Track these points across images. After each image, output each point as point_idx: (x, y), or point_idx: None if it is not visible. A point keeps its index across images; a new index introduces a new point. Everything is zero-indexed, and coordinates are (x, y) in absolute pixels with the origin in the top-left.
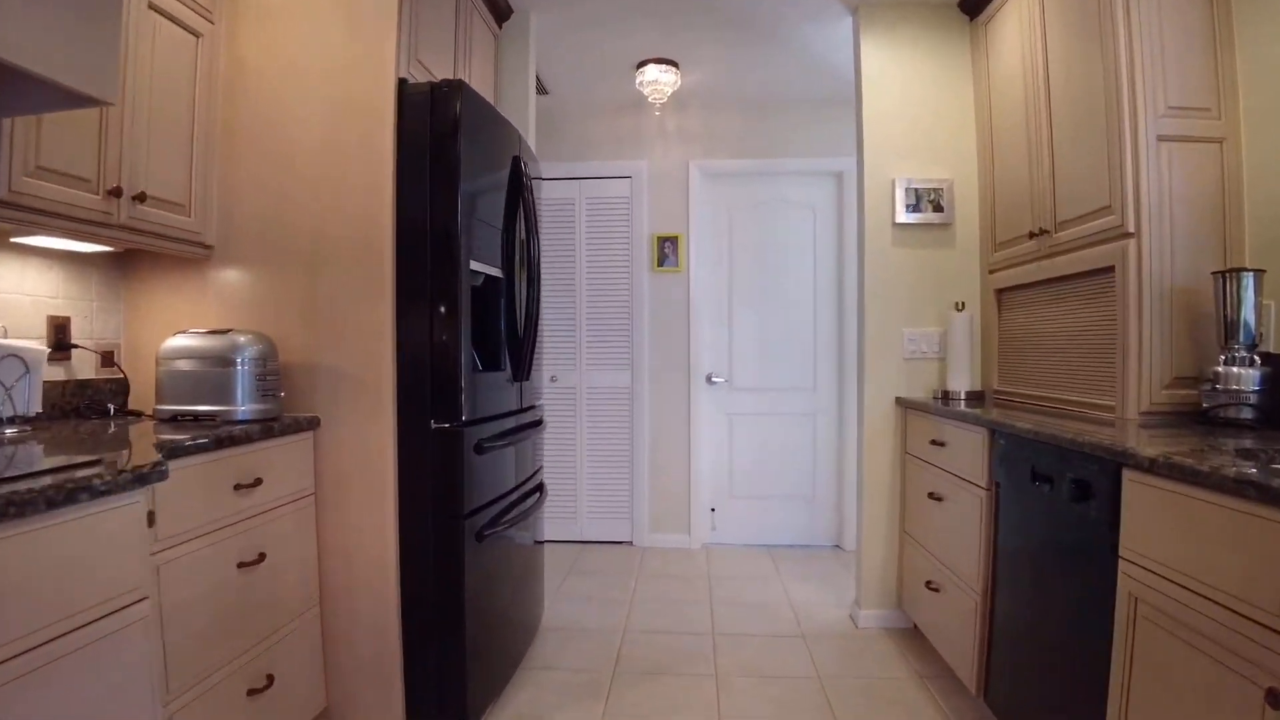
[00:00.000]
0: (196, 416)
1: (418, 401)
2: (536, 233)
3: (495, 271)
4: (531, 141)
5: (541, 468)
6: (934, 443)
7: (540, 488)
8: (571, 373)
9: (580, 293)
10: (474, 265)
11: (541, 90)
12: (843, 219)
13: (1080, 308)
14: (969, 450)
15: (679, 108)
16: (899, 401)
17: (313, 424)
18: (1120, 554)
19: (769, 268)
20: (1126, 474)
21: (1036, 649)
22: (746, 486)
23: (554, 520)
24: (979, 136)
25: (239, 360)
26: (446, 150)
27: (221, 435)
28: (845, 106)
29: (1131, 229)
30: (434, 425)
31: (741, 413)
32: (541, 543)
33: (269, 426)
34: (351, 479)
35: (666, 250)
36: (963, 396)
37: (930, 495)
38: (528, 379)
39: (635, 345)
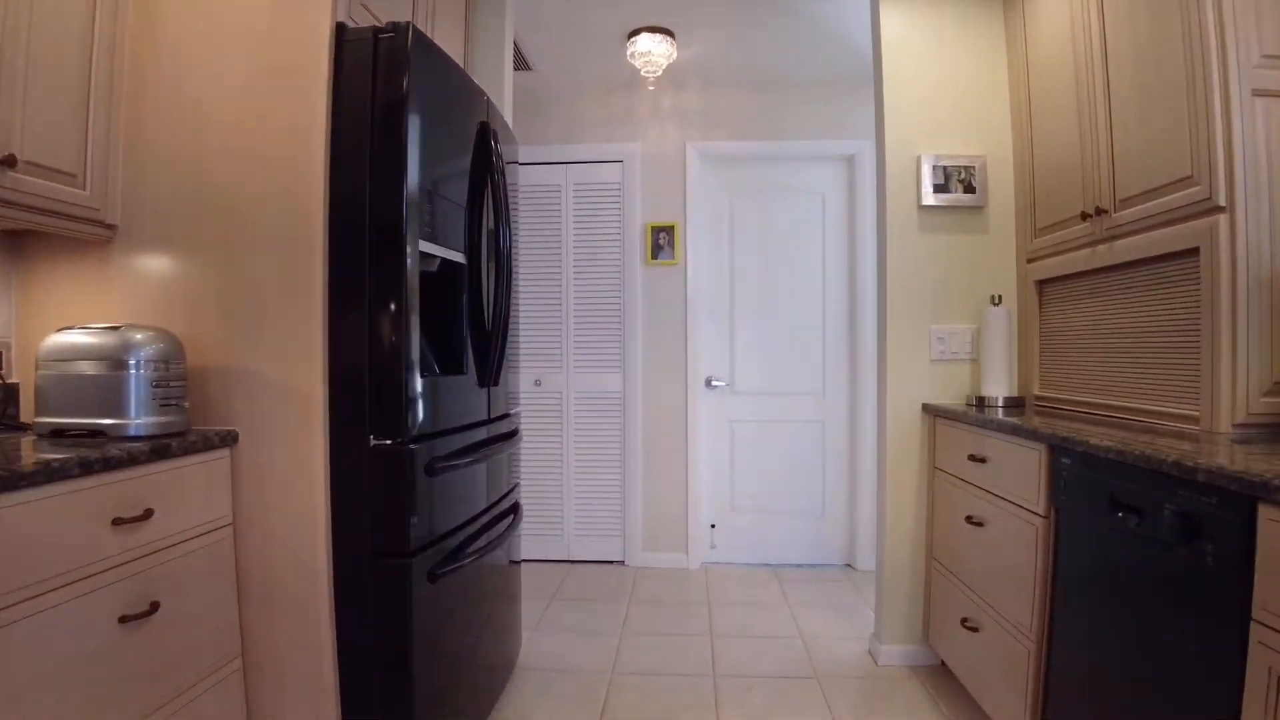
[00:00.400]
0: (91, 431)
1: (354, 413)
2: (507, 213)
3: (456, 256)
4: (507, 114)
5: (517, 485)
6: (973, 458)
7: (515, 508)
8: (557, 375)
9: (567, 288)
10: (427, 247)
11: (524, 66)
12: (855, 207)
13: (1149, 300)
14: (1020, 469)
15: (675, 85)
16: (927, 409)
17: (228, 440)
18: (1254, 616)
19: (774, 260)
20: (1264, 512)
21: (1114, 715)
22: (750, 500)
23: (538, 539)
24: (1014, 107)
25: (132, 362)
26: (392, 105)
27: (90, 458)
28: (858, 83)
29: (1222, 202)
30: (374, 442)
31: (744, 419)
32: (518, 563)
33: (163, 445)
34: (277, 507)
35: (661, 241)
36: (1000, 404)
37: (968, 519)
38: (496, 384)
39: (627, 345)
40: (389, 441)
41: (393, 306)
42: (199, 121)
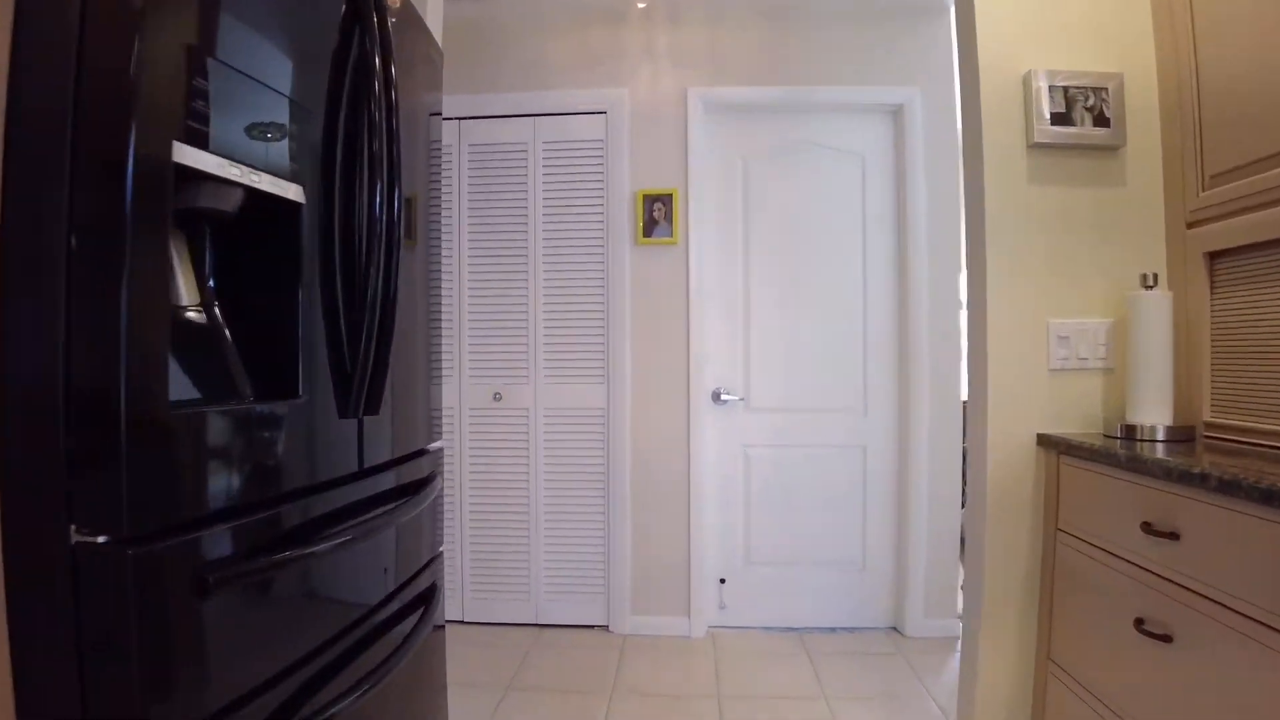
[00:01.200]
0: None
1: (40, 478)
2: (391, 131)
3: (284, 189)
4: (435, 27)
5: (437, 557)
6: (1150, 529)
7: (429, 594)
8: (522, 388)
9: (535, 275)
10: (204, 160)
11: None
12: (904, 170)
13: None
14: (1273, 563)
15: (673, 15)
16: (1046, 442)
17: None
18: None
19: (801, 239)
20: None
21: None
22: (769, 548)
23: (497, 596)
24: (1157, 7)
25: None
26: None
27: None
28: (908, 10)
29: None
30: (77, 537)
31: (762, 443)
32: (443, 627)
33: None
34: None
35: (656, 214)
36: (1160, 436)
37: (1140, 626)
38: (376, 410)
39: (612, 349)
40: (101, 539)
41: (109, 267)
42: None
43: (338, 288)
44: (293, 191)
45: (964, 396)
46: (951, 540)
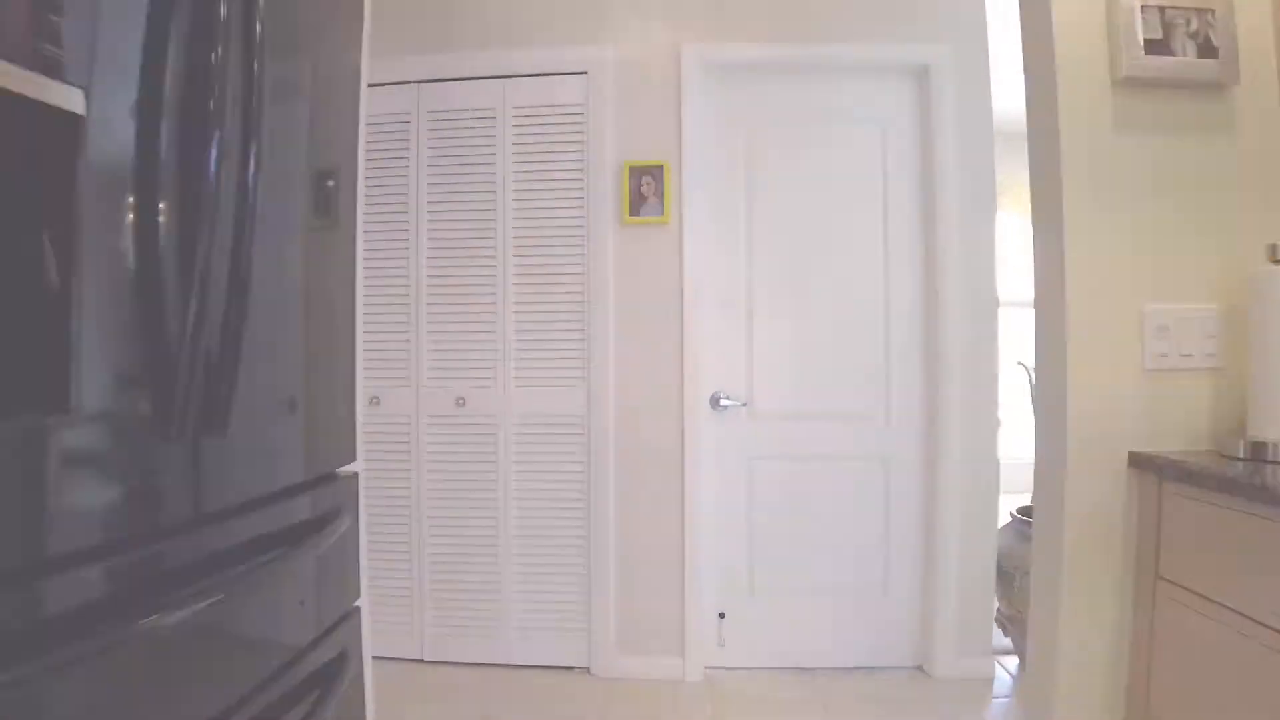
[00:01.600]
0: None
1: None
2: (249, 78)
3: (45, 93)
4: None
5: (347, 616)
6: None
7: (331, 671)
8: (488, 392)
9: (504, 260)
10: None
11: None
12: (933, 142)
13: None
14: None
15: None
16: (1141, 463)
17: None
18: None
19: (811, 219)
20: None
21: None
22: (775, 575)
23: (462, 632)
24: None
25: None
26: None
27: None
28: None
29: None
30: None
31: (768, 455)
32: (362, 671)
33: None
34: None
35: (645, 188)
36: None
37: None
38: (219, 430)
39: (594, 347)
40: None
41: None
42: None
43: (165, 261)
44: (62, 96)
45: (1002, 402)
46: (986, 567)
